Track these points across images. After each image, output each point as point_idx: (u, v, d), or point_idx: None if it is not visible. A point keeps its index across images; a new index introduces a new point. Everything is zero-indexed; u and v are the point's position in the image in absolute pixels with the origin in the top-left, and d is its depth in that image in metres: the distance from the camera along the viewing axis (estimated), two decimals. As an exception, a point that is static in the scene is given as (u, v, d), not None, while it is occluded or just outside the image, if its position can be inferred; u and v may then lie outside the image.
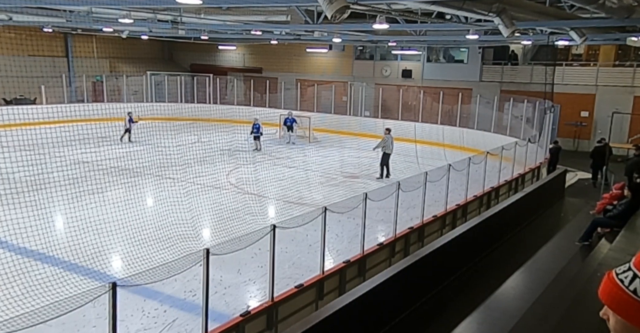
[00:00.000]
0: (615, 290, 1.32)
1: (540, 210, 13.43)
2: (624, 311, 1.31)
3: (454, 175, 11.82)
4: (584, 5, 10.70)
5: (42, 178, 11.60)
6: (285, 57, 30.77)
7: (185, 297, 7.42)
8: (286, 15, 16.10)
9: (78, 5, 14.71)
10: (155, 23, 17.09)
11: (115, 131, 19.25)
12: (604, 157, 16.10)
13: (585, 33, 14.65)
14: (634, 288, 1.29)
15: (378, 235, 10.11)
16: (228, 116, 24.24)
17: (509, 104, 21.67)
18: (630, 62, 23.95)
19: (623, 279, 1.32)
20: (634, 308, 1.29)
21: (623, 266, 1.35)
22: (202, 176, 14.53)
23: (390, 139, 16.31)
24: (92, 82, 28.18)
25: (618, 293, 1.32)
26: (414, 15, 13.96)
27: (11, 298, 6.78)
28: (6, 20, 17.53)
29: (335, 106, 26.84)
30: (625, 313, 1.31)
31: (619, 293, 1.32)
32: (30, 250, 8.51)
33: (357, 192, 11.46)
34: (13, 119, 16.28)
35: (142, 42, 28.62)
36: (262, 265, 7.67)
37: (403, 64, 28.69)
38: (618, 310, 1.32)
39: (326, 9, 8.44)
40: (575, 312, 5.29)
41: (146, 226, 9.69)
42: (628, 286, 1.30)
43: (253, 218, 11.02)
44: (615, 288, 1.33)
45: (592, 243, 9.47)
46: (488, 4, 10.68)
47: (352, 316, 6.55)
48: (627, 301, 1.30)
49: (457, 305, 8.00)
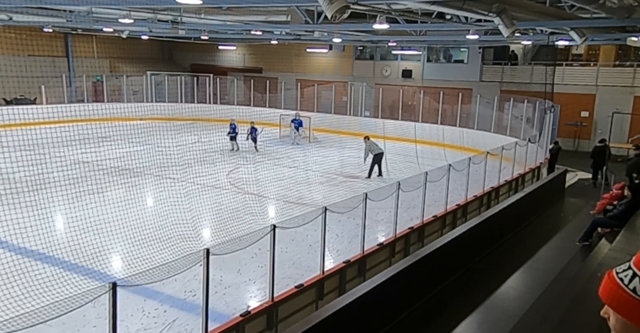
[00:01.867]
0: (615, 289, 1.33)
1: (540, 210, 13.43)
2: (624, 310, 1.31)
3: (454, 175, 11.82)
4: (584, 5, 10.69)
5: (42, 178, 11.61)
6: (285, 57, 30.77)
7: (185, 296, 7.42)
8: (286, 15, 16.11)
9: (78, 5, 14.70)
10: (155, 23, 17.09)
11: (115, 131, 19.21)
12: (604, 157, 16.10)
13: (585, 33, 14.65)
14: (634, 287, 1.30)
15: (378, 235, 10.11)
16: (228, 116, 24.23)
17: (509, 104, 21.66)
18: (630, 62, 23.95)
19: (623, 278, 1.33)
20: (634, 307, 1.30)
21: (623, 265, 1.35)
22: (202, 176, 14.53)
23: (372, 144, 16.37)
24: (92, 82, 28.17)
25: (618, 291, 1.32)
26: (414, 15, 13.96)
27: (11, 298, 6.78)
28: (6, 20, 17.53)
29: (335, 106, 26.84)
30: (625, 312, 1.31)
31: (618, 291, 1.32)
32: (30, 250, 8.51)
33: (357, 192, 11.46)
34: (13, 119, 16.28)
35: (142, 42, 28.62)
36: (262, 265, 7.66)
37: (403, 64, 28.69)
38: (618, 308, 1.33)
39: (326, 9, 8.44)
40: (575, 312, 5.29)
41: (146, 226, 9.69)
42: (628, 285, 1.31)
43: (253, 218, 11.02)
44: (615, 287, 1.33)
45: (592, 243, 9.48)
46: (488, 4, 10.67)
47: (352, 316, 6.55)
48: (627, 300, 1.31)
49: (457, 305, 8.00)
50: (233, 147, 19.75)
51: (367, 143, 16.47)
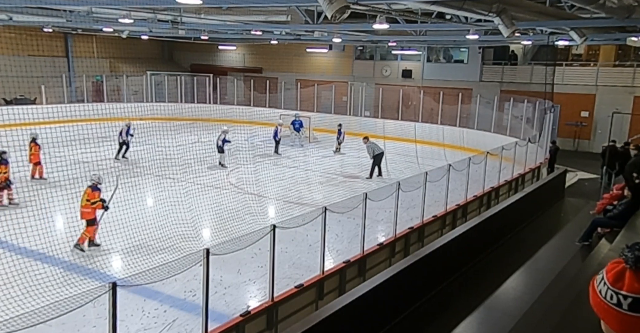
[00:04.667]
0: (591, 292, 1.41)
1: (540, 210, 13.43)
2: (599, 311, 1.38)
3: (454, 175, 11.82)
4: (584, 5, 10.69)
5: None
6: (285, 57, 30.78)
7: (185, 297, 7.42)
8: (286, 15, 16.11)
9: (78, 5, 14.70)
10: (155, 23, 17.09)
11: (115, 131, 19.19)
12: (613, 157, 16.07)
13: (585, 33, 14.64)
14: (599, 290, 1.36)
15: (378, 235, 10.11)
16: (228, 116, 24.24)
17: (509, 104, 21.66)
18: (630, 62, 23.95)
19: (596, 282, 1.40)
20: (604, 311, 1.35)
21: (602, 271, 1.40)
22: (202, 176, 14.53)
23: (373, 145, 16.37)
24: (92, 82, 28.15)
25: (593, 295, 1.39)
26: (414, 15, 13.96)
27: (11, 298, 6.78)
28: (6, 20, 17.53)
29: (335, 106, 26.84)
30: (599, 313, 1.38)
31: (593, 295, 1.39)
32: (30, 250, 8.51)
33: (357, 192, 11.46)
34: (13, 119, 16.27)
35: (142, 42, 28.62)
36: (262, 265, 7.66)
37: (403, 64, 28.69)
38: (596, 309, 1.39)
39: (326, 9, 8.44)
40: (575, 312, 5.28)
41: (146, 226, 9.69)
42: (597, 286, 1.38)
43: (253, 218, 11.02)
44: (592, 291, 1.41)
45: (592, 243, 9.47)
46: (488, 4, 10.67)
47: (352, 316, 6.55)
48: (598, 303, 1.37)
49: (457, 305, 8.00)
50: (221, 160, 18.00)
51: (368, 143, 16.46)
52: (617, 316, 1.32)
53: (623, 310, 1.30)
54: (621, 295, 1.30)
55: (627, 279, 1.31)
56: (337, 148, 20.57)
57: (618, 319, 1.32)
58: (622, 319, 1.31)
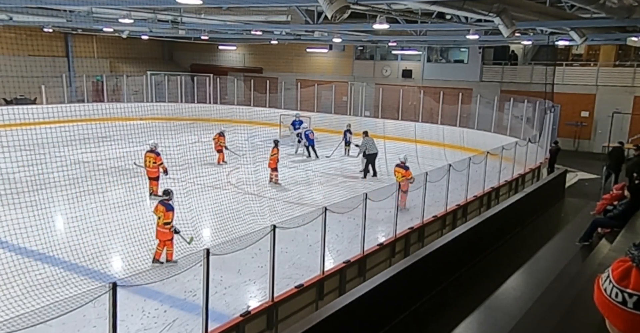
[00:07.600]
0: (596, 290, 1.41)
1: (540, 210, 13.43)
2: (604, 309, 1.38)
3: (454, 175, 11.82)
4: (584, 5, 10.69)
5: (42, 178, 11.61)
6: (286, 57, 30.76)
7: (185, 297, 7.42)
8: (286, 15, 16.10)
9: (78, 5, 14.69)
10: (155, 23, 17.07)
11: (114, 131, 19.19)
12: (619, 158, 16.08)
13: (585, 33, 14.64)
14: (605, 288, 1.37)
15: (378, 235, 10.11)
16: (228, 116, 24.22)
17: (509, 104, 21.66)
18: (630, 62, 23.94)
19: (601, 280, 1.40)
20: (609, 309, 1.36)
21: (608, 269, 1.41)
22: (202, 176, 14.53)
23: (370, 141, 16.33)
24: (92, 82, 28.15)
25: (597, 293, 1.40)
26: (414, 16, 13.96)
27: (11, 298, 6.79)
28: (6, 20, 17.52)
29: (335, 106, 26.84)
30: (604, 311, 1.38)
31: (598, 293, 1.40)
32: (30, 250, 8.51)
33: (357, 192, 11.46)
34: (13, 119, 16.27)
35: (142, 42, 28.61)
36: (262, 265, 7.66)
37: (403, 64, 28.68)
38: (600, 307, 1.39)
39: (326, 9, 8.44)
40: (575, 312, 5.29)
41: (146, 226, 9.69)
42: (602, 284, 1.38)
43: (253, 218, 11.02)
44: (597, 289, 1.41)
45: (593, 244, 9.48)
46: (488, 4, 10.67)
47: (352, 316, 6.55)
48: (603, 301, 1.37)
49: (457, 305, 8.00)
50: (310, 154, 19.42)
51: (366, 139, 16.41)
52: (621, 314, 1.33)
53: (628, 309, 1.31)
54: (626, 293, 1.32)
55: (633, 277, 1.32)
56: (347, 150, 20.33)
57: (623, 317, 1.33)
58: (626, 317, 1.32)
